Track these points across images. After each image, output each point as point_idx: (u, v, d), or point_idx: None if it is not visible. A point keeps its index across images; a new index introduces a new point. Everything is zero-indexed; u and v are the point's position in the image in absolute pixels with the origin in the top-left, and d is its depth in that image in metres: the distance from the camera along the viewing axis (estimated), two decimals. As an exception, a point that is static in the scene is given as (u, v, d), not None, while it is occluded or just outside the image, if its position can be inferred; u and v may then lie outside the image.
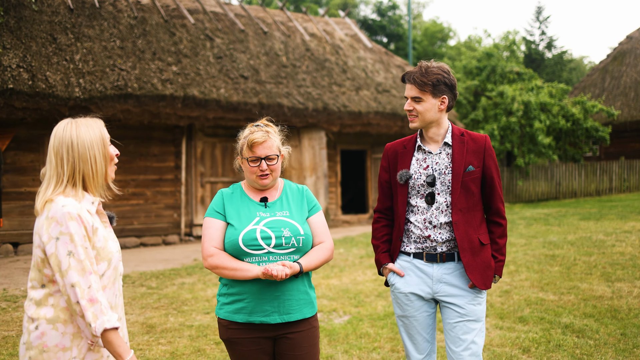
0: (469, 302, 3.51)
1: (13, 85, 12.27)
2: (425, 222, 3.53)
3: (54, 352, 2.66)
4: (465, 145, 3.54)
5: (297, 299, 3.26)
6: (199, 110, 14.73)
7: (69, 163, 2.77)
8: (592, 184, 24.13)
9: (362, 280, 9.44)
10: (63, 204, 2.67)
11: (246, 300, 3.23)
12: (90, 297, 2.60)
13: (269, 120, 3.49)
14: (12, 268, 11.47)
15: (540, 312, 7.03)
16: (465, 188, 3.49)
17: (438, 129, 3.59)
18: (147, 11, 16.36)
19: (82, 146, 2.78)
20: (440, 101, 3.51)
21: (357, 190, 22.14)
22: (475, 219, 3.54)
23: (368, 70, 19.78)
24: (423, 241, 3.55)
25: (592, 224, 13.94)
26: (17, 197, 13.58)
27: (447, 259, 3.53)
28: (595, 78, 30.35)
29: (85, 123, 2.86)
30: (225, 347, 6.23)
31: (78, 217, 2.66)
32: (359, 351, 5.94)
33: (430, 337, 3.64)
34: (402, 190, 3.62)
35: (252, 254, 3.22)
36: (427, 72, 3.50)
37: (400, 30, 46.47)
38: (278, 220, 3.30)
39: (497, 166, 3.61)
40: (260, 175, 3.33)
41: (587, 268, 9.22)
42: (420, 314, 3.60)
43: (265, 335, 3.27)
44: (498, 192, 3.59)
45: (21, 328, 7.06)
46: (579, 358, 5.43)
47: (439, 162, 3.56)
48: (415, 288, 3.57)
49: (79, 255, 2.62)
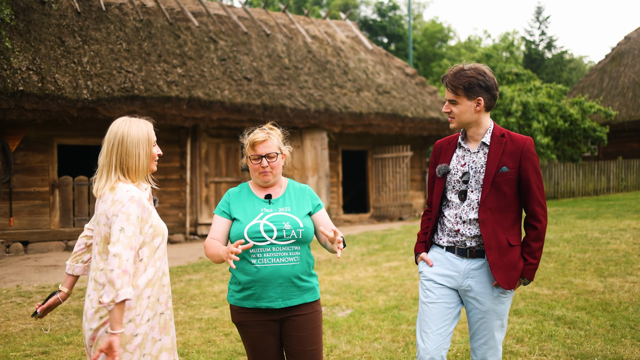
0: (492, 301, 3.63)
1: (23, 87, 12.60)
2: (456, 217, 3.68)
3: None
4: (502, 146, 3.61)
5: (298, 286, 3.60)
6: (204, 112, 15.06)
7: (118, 156, 3.30)
8: (590, 184, 24.42)
9: (364, 276, 9.76)
10: (127, 189, 3.22)
11: (254, 288, 3.57)
12: (125, 268, 3.06)
13: (272, 124, 3.84)
14: (23, 266, 11.79)
15: (534, 305, 7.34)
16: (496, 188, 3.57)
17: (477, 129, 3.69)
18: (153, 14, 16.70)
19: (131, 143, 3.31)
20: (476, 103, 3.61)
21: (358, 190, 22.45)
22: (506, 219, 3.61)
23: (369, 71, 20.10)
24: (454, 235, 3.68)
25: (588, 223, 14.24)
26: (27, 197, 13.90)
27: (477, 255, 3.65)
28: (593, 78, 30.66)
29: (136, 123, 3.39)
30: (234, 335, 6.58)
31: (139, 200, 3.22)
32: (361, 341, 6.26)
33: (443, 332, 3.68)
34: (439, 183, 3.77)
35: (256, 245, 3.56)
36: (460, 75, 3.61)
37: (400, 30, 46.75)
38: (280, 215, 3.63)
39: (537, 169, 3.63)
40: (261, 172, 3.68)
41: (581, 264, 9.53)
42: (441, 303, 3.70)
43: (271, 318, 3.62)
44: (535, 195, 3.60)
45: (37, 321, 7.39)
46: (570, 347, 5.74)
47: (475, 161, 3.67)
48: (442, 278, 3.71)
49: (128, 232, 3.12)
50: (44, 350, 6.26)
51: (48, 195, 14.14)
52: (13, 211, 13.69)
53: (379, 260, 11.13)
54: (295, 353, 3.63)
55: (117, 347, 3.04)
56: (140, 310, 3.25)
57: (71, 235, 14.25)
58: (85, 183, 14.50)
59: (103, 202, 3.27)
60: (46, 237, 14.00)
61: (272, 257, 3.56)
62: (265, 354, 3.67)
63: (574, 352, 5.59)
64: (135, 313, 3.23)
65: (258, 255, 3.56)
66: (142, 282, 3.27)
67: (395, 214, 19.63)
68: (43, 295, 9.07)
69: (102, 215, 3.26)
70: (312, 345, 3.64)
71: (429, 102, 20.23)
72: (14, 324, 7.37)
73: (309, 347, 3.63)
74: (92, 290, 3.29)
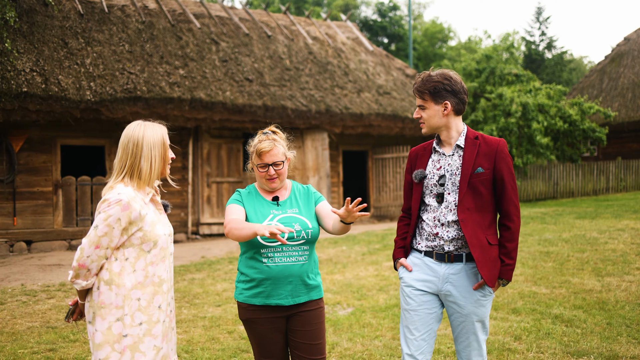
0: (472, 304, 3.68)
1: (27, 89, 12.73)
2: (435, 220, 3.73)
3: (108, 308, 3.27)
4: (477, 147, 3.69)
5: (306, 284, 3.76)
6: (206, 113, 15.19)
7: (132, 158, 3.37)
8: (589, 184, 24.54)
9: (364, 275, 9.88)
10: (119, 191, 3.27)
11: (264, 286, 3.71)
12: (83, 263, 3.23)
13: (276, 127, 3.97)
14: (27, 265, 11.91)
15: (532, 304, 7.46)
16: (472, 188, 3.64)
17: (449, 132, 3.77)
18: (155, 16, 16.83)
19: (147, 146, 3.37)
20: (443, 107, 3.69)
21: (359, 190, 22.57)
22: (484, 219, 3.68)
23: (369, 72, 20.23)
24: (432, 239, 3.73)
25: (587, 223, 14.36)
26: (30, 197, 14.03)
27: (455, 259, 3.69)
28: (593, 79, 30.79)
29: (151, 127, 3.45)
30: (237, 333, 6.70)
31: (126, 204, 3.24)
32: (362, 339, 6.39)
33: (427, 337, 3.77)
34: (417, 189, 3.83)
35: (267, 246, 3.69)
36: (426, 80, 3.70)
37: (401, 31, 46.87)
38: (289, 216, 3.79)
39: (511, 170, 3.70)
40: (268, 179, 3.83)
41: (579, 264, 9.65)
42: (423, 309, 3.76)
43: (279, 315, 3.76)
44: (509, 195, 3.67)
45: (44, 319, 7.52)
46: (567, 344, 5.86)
47: (451, 163, 3.74)
48: (422, 284, 3.76)
49: (99, 231, 3.21)
50: (51, 348, 6.38)
51: (51, 195, 14.27)
52: (17, 211, 13.81)
53: (379, 260, 11.25)
54: (302, 347, 3.76)
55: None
56: (128, 310, 3.29)
57: (74, 235, 14.37)
58: (88, 183, 14.63)
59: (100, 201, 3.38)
60: (49, 237, 14.12)
61: (282, 256, 3.70)
62: (271, 349, 3.80)
63: (570, 349, 5.72)
64: (122, 312, 3.28)
65: (269, 255, 3.70)
66: (130, 282, 3.30)
67: (395, 213, 19.75)
68: (48, 294, 9.19)
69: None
70: (317, 339, 3.79)
71: (429, 103, 20.33)
72: (20, 322, 7.49)
73: (314, 342, 3.77)
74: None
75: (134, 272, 3.32)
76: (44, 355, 6.15)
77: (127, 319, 3.28)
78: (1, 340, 6.69)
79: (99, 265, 3.29)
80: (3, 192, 13.67)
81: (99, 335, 3.26)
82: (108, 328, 3.26)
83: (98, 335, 3.26)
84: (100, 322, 3.28)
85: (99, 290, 3.30)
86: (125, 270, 3.30)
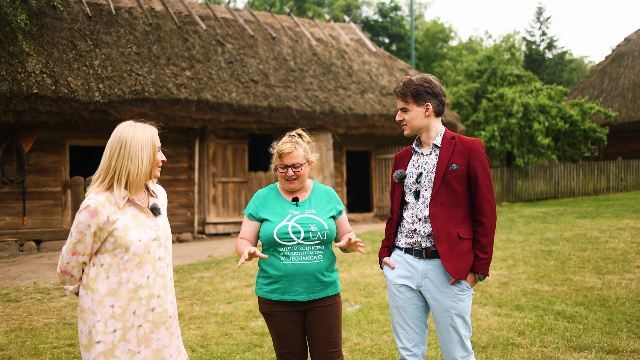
0: (450, 299, 3.80)
1: (37, 90, 12.94)
2: (413, 216, 3.91)
3: (86, 313, 3.34)
4: (452, 146, 3.87)
5: (322, 281, 3.96)
6: (212, 113, 15.41)
7: (119, 159, 3.30)
8: (590, 184, 24.72)
9: (370, 273, 10.10)
10: (90, 197, 3.28)
11: (281, 282, 3.93)
12: (64, 269, 3.35)
13: (303, 130, 4.18)
14: (37, 264, 12.12)
15: (535, 301, 7.68)
16: (446, 184, 3.80)
17: (429, 133, 3.96)
18: (161, 18, 17.05)
19: (134, 147, 3.30)
20: (425, 108, 3.90)
21: (362, 190, 22.77)
22: (457, 214, 3.82)
23: (372, 73, 20.44)
24: (411, 236, 3.90)
25: (588, 222, 14.57)
26: (40, 197, 14.24)
27: (432, 255, 3.84)
28: (594, 80, 30.99)
29: (141, 127, 3.36)
30: (249, 329, 6.91)
31: (94, 210, 3.24)
32: (371, 334, 6.61)
33: (419, 330, 3.95)
34: (398, 188, 4.04)
35: (284, 245, 3.92)
36: (408, 84, 3.92)
37: (402, 31, 47.04)
38: (307, 217, 3.98)
39: (485, 168, 3.85)
40: (287, 179, 4.03)
41: (580, 262, 9.87)
42: (409, 305, 3.94)
43: (296, 309, 3.97)
44: (483, 191, 3.81)
45: (60, 316, 7.73)
46: (569, 339, 6.08)
47: (428, 162, 3.92)
48: (405, 280, 3.93)
49: (73, 238, 3.29)
50: (70, 343, 6.59)
51: (60, 195, 14.48)
52: (26, 210, 14.03)
53: (384, 259, 11.44)
54: (318, 340, 3.98)
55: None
56: (101, 317, 3.27)
57: (83, 234, 14.56)
58: (96, 183, 14.82)
59: None
60: (58, 236, 14.34)
61: (299, 255, 3.91)
62: (290, 340, 4.02)
63: (572, 344, 5.93)
64: (95, 319, 3.27)
65: (286, 254, 3.92)
66: (103, 289, 3.29)
67: (398, 213, 19.93)
68: (61, 292, 9.40)
69: None
70: (333, 333, 3.99)
71: (431, 104, 20.54)
72: (37, 319, 7.70)
73: (330, 335, 3.98)
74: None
75: (107, 279, 3.30)
76: (64, 350, 6.36)
77: (100, 325, 3.27)
78: (20, 336, 6.90)
79: (80, 271, 3.36)
80: (13, 192, 13.89)
81: (84, 338, 3.35)
82: (89, 332, 3.32)
83: (83, 338, 3.35)
84: (83, 326, 3.35)
85: (79, 294, 3.40)
86: (100, 276, 3.31)
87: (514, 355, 5.72)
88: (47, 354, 6.19)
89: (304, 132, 4.18)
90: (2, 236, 13.70)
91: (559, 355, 5.62)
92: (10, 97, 12.66)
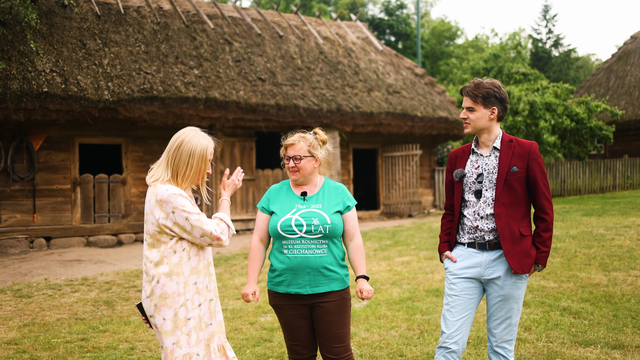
0: (510, 286, 4.08)
1: (47, 89, 13.07)
2: (475, 214, 4.14)
3: (172, 297, 3.62)
4: (512, 149, 4.10)
5: (325, 275, 4.04)
6: (220, 112, 15.51)
7: (172, 158, 3.70)
8: (596, 182, 24.73)
9: (377, 270, 10.19)
10: (166, 188, 3.63)
11: (285, 275, 4.05)
12: (221, 231, 3.70)
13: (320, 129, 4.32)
14: (48, 260, 12.25)
15: (541, 297, 7.76)
16: (508, 185, 4.05)
17: (489, 135, 4.18)
18: (169, 17, 17.16)
19: (185, 152, 3.69)
20: (491, 111, 4.12)
21: (369, 188, 22.85)
22: (518, 213, 4.08)
23: (379, 72, 20.51)
24: (473, 231, 4.15)
25: (594, 220, 14.61)
26: (49, 194, 14.38)
27: (495, 247, 4.10)
28: (600, 77, 30.98)
29: (199, 137, 3.75)
30: (259, 324, 7.02)
31: (180, 193, 3.63)
32: (379, 329, 6.70)
33: (465, 321, 4.14)
34: (457, 187, 4.27)
35: (288, 238, 4.04)
36: (480, 86, 4.12)
37: (408, 29, 47.04)
38: (311, 211, 4.08)
39: (543, 169, 4.11)
40: (290, 171, 4.15)
41: (586, 259, 9.93)
42: (464, 295, 4.14)
43: (301, 302, 4.07)
44: (542, 191, 4.07)
45: (71, 311, 7.84)
46: (574, 335, 6.16)
47: (488, 163, 4.15)
48: (466, 271, 4.16)
49: (192, 216, 3.60)
50: (82, 337, 6.71)
51: (70, 193, 14.61)
52: (36, 208, 14.17)
53: (391, 255, 11.55)
54: (324, 335, 4.07)
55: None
56: (189, 295, 3.65)
57: (92, 232, 14.73)
58: (105, 181, 14.97)
59: (147, 202, 3.70)
60: (68, 233, 14.48)
61: (301, 248, 4.01)
62: (298, 333, 4.12)
63: (578, 339, 6.01)
64: (185, 298, 3.63)
65: (289, 247, 4.03)
66: (187, 269, 3.65)
67: (404, 211, 20.05)
68: (72, 287, 9.53)
69: (148, 214, 3.69)
70: (338, 328, 4.06)
71: (437, 102, 20.62)
72: (49, 314, 7.82)
73: (336, 330, 4.06)
74: (145, 281, 3.71)
75: (189, 260, 3.67)
76: (77, 344, 6.47)
77: (189, 303, 3.65)
78: (34, 331, 7.02)
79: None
80: (23, 189, 14.04)
81: (168, 324, 3.62)
82: (175, 315, 3.61)
83: (168, 324, 3.62)
84: (167, 311, 3.62)
85: (159, 283, 3.62)
86: (183, 260, 3.65)
87: (521, 350, 5.81)
88: (60, 348, 6.31)
89: (320, 131, 4.30)
90: (12, 233, 13.84)
91: (564, 351, 5.71)
92: (20, 95, 12.79)
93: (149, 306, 3.66)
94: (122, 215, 15.17)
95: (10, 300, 8.70)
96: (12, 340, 6.63)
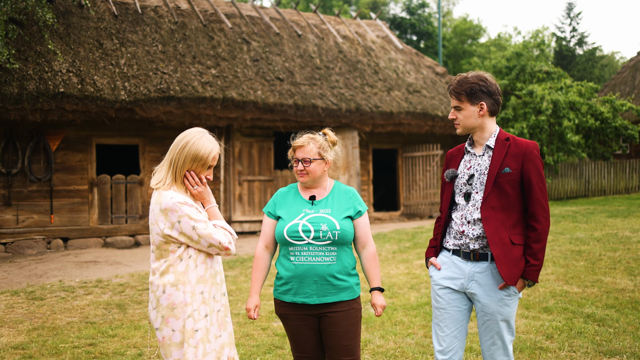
0: (497, 303, 3.71)
1: (64, 89, 13.02)
2: (462, 218, 3.81)
3: (180, 307, 3.47)
4: (506, 148, 3.74)
5: (333, 284, 3.81)
6: (237, 112, 15.38)
7: (175, 159, 3.58)
8: (621, 182, 24.28)
9: (395, 273, 9.97)
10: (170, 196, 3.49)
11: (291, 283, 3.84)
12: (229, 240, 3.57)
13: (330, 129, 4.10)
14: (64, 262, 12.20)
15: (564, 303, 7.49)
16: (498, 187, 3.69)
17: (482, 133, 3.85)
18: (187, 16, 17.07)
19: (187, 155, 3.57)
20: (479, 107, 3.77)
21: (389, 188, 22.62)
22: (509, 219, 3.70)
23: (399, 71, 20.26)
24: (459, 237, 3.80)
25: (619, 221, 14.26)
26: (67, 195, 14.34)
27: (481, 258, 3.74)
28: (625, 76, 30.41)
29: (204, 140, 3.61)
30: (271, 330, 6.84)
31: (185, 202, 3.49)
32: (395, 336, 6.48)
33: (458, 334, 3.85)
34: (448, 188, 3.95)
35: (295, 244, 3.82)
36: (462, 82, 3.79)
37: (430, 28, 46.69)
38: (319, 216, 3.86)
39: (540, 172, 3.72)
40: (298, 173, 3.94)
41: (611, 263, 9.63)
42: (452, 307, 3.84)
43: (308, 313, 3.85)
44: (537, 196, 3.69)
45: (82, 315, 7.72)
46: (599, 344, 5.90)
47: (480, 163, 3.82)
48: (450, 282, 3.83)
49: (200, 225, 3.47)
50: (90, 342, 6.57)
51: (87, 193, 14.56)
52: (54, 208, 14.14)
53: (410, 258, 11.32)
54: (332, 347, 3.84)
55: None
56: (196, 305, 3.49)
57: (109, 232, 14.66)
58: (122, 181, 14.90)
59: (152, 212, 3.53)
60: (85, 234, 14.43)
61: (308, 255, 3.80)
62: (304, 344, 3.91)
63: (602, 348, 5.75)
64: (192, 308, 3.47)
65: (296, 253, 3.82)
66: (194, 278, 3.50)
67: (425, 212, 19.77)
68: (85, 290, 9.42)
69: (153, 224, 3.53)
70: (347, 340, 3.83)
71: (459, 101, 20.31)
72: (60, 317, 7.71)
73: (344, 343, 3.83)
74: (150, 292, 3.57)
75: (196, 268, 3.53)
76: (84, 349, 6.34)
77: (196, 313, 3.50)
78: (42, 335, 6.91)
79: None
80: (41, 190, 14.01)
81: (177, 335, 3.48)
82: (183, 326, 3.46)
83: (177, 335, 3.48)
84: (175, 322, 3.47)
85: (165, 293, 3.48)
86: (189, 268, 3.51)
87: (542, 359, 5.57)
88: (67, 354, 6.18)
89: (330, 132, 4.08)
90: (30, 234, 13.82)
91: (588, 361, 5.46)
92: (37, 96, 12.75)
93: (156, 318, 3.51)
94: (140, 216, 15.09)
95: (22, 302, 8.61)
96: (20, 344, 6.51)
